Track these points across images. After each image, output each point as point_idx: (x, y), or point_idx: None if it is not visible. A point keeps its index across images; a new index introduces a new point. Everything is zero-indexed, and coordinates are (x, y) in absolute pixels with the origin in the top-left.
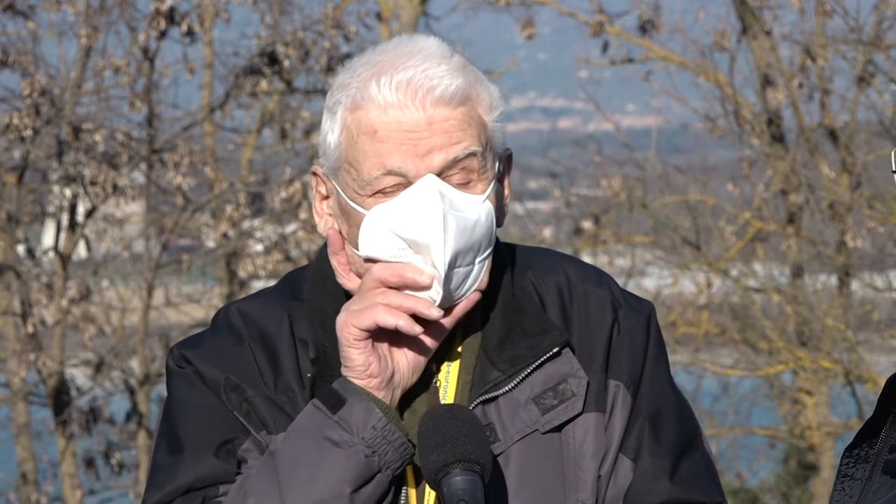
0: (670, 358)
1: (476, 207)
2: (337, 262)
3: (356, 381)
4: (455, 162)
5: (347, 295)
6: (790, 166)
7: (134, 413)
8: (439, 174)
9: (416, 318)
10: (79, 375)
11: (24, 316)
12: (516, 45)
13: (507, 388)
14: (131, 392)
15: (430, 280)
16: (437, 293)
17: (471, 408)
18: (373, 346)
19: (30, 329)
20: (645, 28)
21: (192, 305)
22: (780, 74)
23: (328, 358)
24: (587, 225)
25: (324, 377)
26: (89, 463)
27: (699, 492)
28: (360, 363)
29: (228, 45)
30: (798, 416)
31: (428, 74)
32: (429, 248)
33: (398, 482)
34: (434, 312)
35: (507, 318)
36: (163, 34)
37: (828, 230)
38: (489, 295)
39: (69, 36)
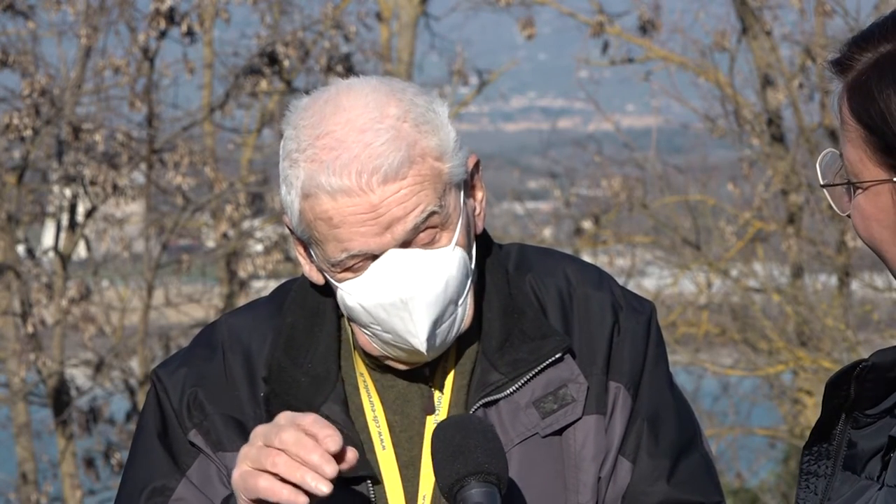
0: (670, 358)
1: (445, 262)
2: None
3: None
4: (416, 228)
5: (322, 310)
6: (790, 166)
7: (134, 413)
8: (403, 242)
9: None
10: (79, 375)
11: (24, 316)
12: (516, 45)
13: (508, 392)
14: (131, 392)
15: (332, 472)
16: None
17: (471, 410)
18: None
19: (30, 329)
20: (645, 28)
21: (192, 305)
22: (780, 74)
23: (283, 375)
24: (587, 225)
25: (277, 395)
26: (89, 463)
27: (697, 492)
28: None
29: (228, 45)
30: (798, 416)
31: (370, 152)
32: (405, 328)
33: None
34: (323, 488)
35: (505, 320)
36: (163, 34)
37: (828, 230)
38: (486, 297)
39: (69, 36)
